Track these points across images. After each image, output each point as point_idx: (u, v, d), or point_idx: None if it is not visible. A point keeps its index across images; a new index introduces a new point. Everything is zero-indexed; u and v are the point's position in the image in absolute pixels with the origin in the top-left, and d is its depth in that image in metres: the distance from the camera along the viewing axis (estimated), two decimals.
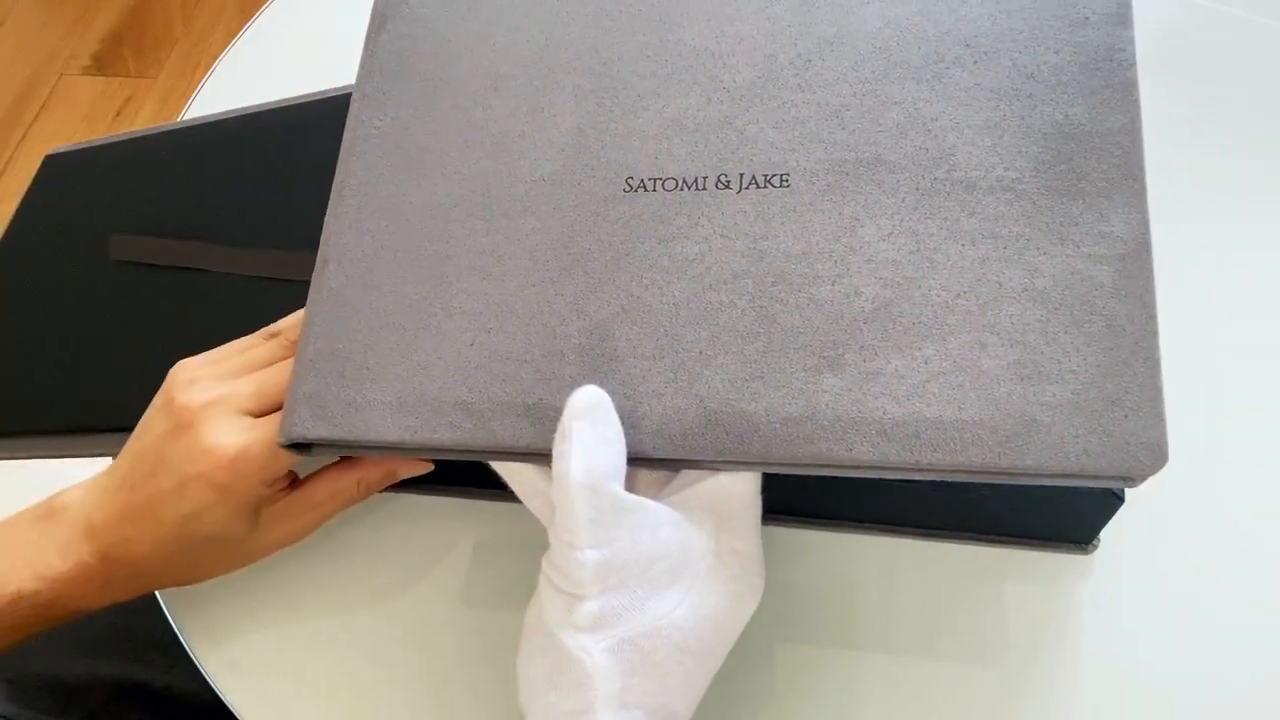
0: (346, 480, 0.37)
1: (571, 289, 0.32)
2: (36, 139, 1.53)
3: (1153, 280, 0.28)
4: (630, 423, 0.30)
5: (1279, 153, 0.46)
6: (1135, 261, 0.28)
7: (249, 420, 0.35)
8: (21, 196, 0.53)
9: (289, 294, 0.40)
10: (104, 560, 0.36)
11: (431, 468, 0.38)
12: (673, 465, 0.31)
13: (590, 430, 0.29)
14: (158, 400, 0.37)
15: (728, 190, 0.32)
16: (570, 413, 0.29)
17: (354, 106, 0.37)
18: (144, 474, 0.36)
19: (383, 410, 0.32)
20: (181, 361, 0.37)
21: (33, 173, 0.54)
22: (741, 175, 0.32)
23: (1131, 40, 0.30)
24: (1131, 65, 0.30)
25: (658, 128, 0.33)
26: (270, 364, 0.37)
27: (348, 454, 0.34)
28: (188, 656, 0.42)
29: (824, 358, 0.29)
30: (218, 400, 0.35)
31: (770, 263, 0.31)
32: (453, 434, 0.31)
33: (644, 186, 0.33)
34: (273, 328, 0.39)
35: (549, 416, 0.31)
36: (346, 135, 0.37)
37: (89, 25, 1.63)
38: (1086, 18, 0.31)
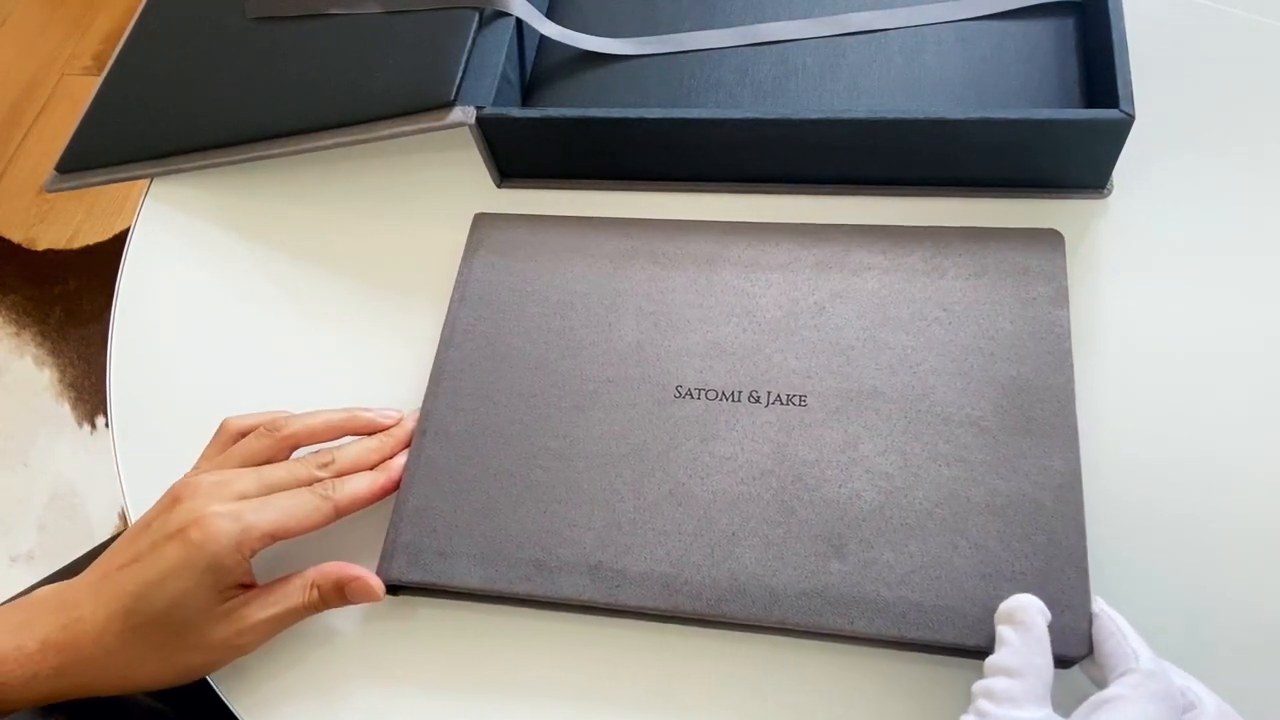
0: (298, 582, 0.39)
1: (629, 473, 0.40)
2: (36, 139, 1.53)
3: (1082, 504, 0.37)
4: (674, 587, 0.37)
5: (1278, 153, 0.47)
6: (1070, 490, 0.37)
7: (238, 499, 0.38)
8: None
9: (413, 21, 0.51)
10: (43, 646, 0.36)
11: (381, 600, 0.40)
12: (706, 624, 0.38)
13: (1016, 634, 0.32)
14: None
15: (758, 404, 0.41)
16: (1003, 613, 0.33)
17: (452, 307, 0.45)
18: (126, 542, 0.38)
19: (468, 561, 0.39)
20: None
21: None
22: (769, 393, 0.41)
23: (1067, 318, 0.40)
24: (1066, 337, 0.40)
25: (702, 348, 0.42)
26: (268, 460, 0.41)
27: (433, 596, 0.41)
28: None
29: (831, 545, 0.37)
30: (221, 481, 0.39)
31: (790, 465, 0.39)
32: (527, 585, 0.38)
33: (690, 395, 0.41)
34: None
35: (607, 576, 0.38)
36: (444, 330, 0.45)
37: (89, 25, 1.65)
38: (1034, 297, 0.41)
